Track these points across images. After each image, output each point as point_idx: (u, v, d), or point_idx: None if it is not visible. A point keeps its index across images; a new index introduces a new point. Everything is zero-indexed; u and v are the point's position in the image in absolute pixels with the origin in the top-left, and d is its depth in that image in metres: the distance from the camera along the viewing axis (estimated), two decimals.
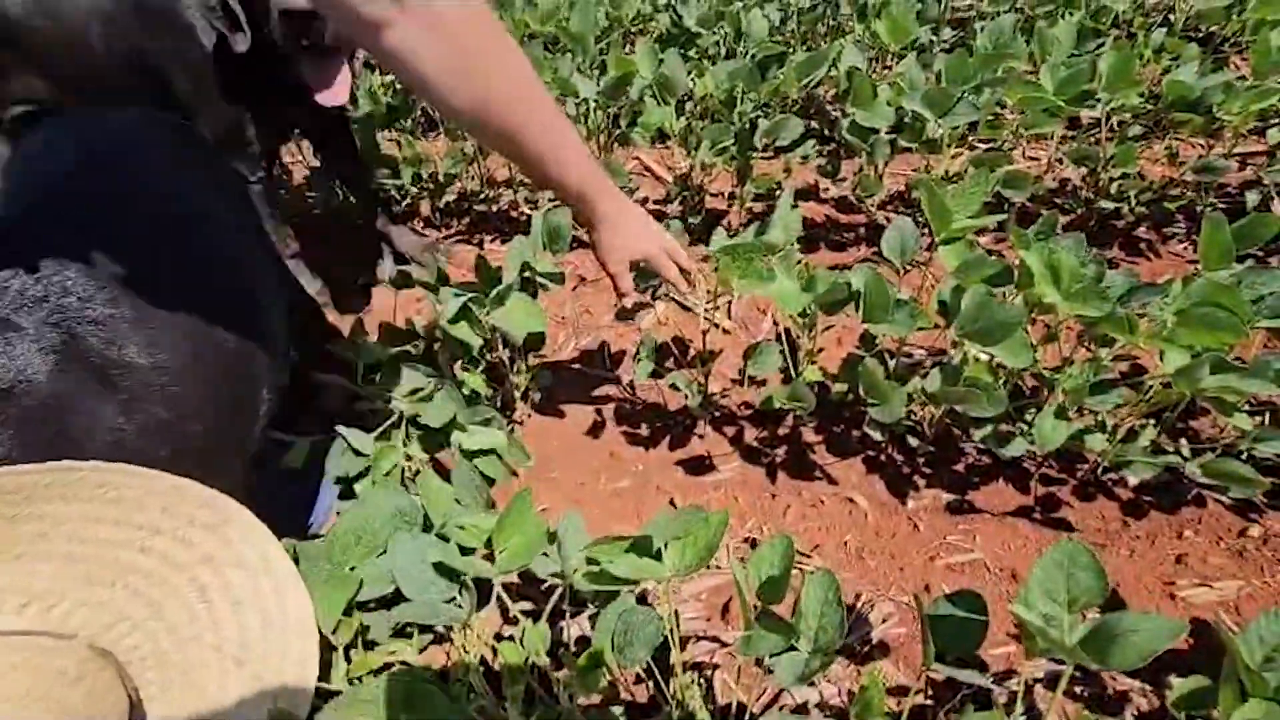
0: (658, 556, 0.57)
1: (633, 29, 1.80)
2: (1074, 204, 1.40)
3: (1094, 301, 0.73)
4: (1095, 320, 0.74)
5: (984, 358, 0.83)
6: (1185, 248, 1.41)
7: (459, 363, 0.94)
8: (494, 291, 0.83)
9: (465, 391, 0.97)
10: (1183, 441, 1.03)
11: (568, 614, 0.82)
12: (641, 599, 0.88)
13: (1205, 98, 1.14)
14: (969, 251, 0.83)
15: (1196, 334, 0.71)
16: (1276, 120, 1.23)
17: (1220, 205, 1.43)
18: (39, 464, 0.50)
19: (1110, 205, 1.33)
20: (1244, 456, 0.88)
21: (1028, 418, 1.02)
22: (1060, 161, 1.37)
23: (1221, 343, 0.70)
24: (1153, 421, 0.97)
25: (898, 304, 0.79)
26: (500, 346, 1.00)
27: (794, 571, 0.97)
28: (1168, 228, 1.42)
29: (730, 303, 1.41)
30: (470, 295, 0.87)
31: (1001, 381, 0.98)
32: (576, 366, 1.34)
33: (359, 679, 0.67)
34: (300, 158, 1.93)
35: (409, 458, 0.87)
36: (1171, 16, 1.61)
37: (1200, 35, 1.70)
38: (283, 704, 0.55)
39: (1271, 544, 0.96)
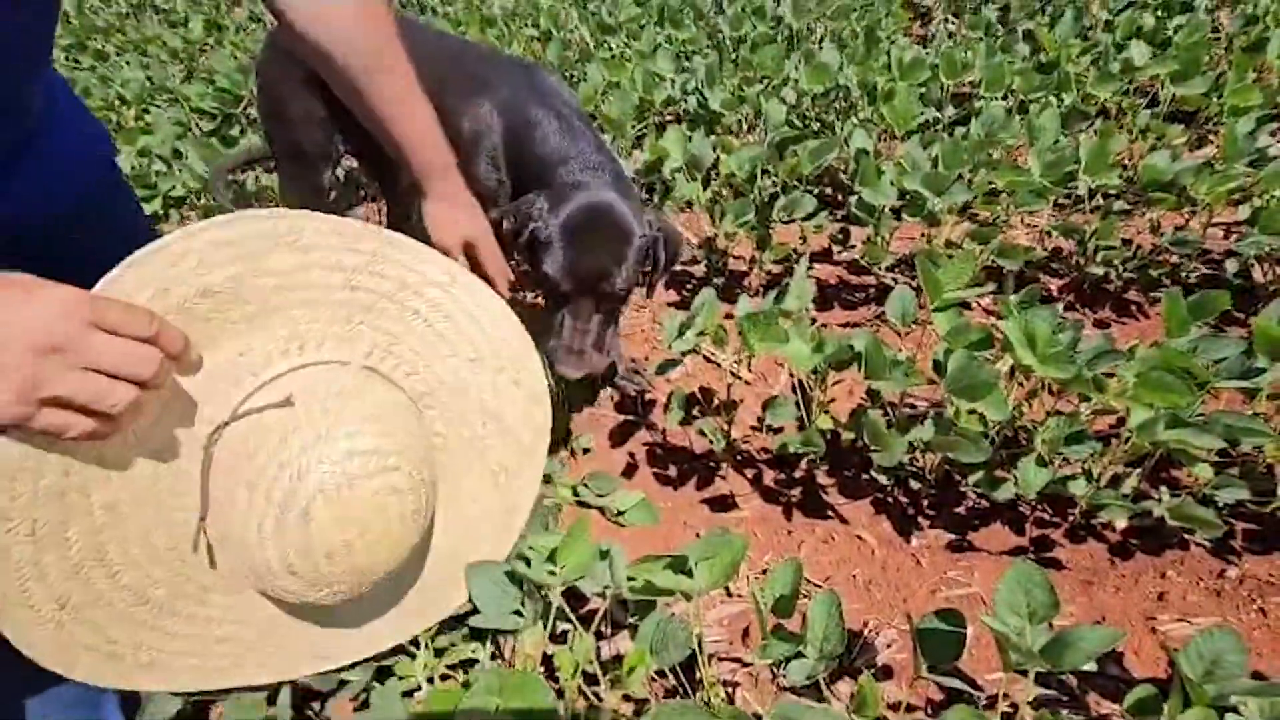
0: (690, 574, 0.71)
1: (665, 111, 2.01)
2: (1067, 270, 1.54)
3: (1063, 365, 0.86)
4: (1065, 381, 0.87)
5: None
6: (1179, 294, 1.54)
7: None
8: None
9: None
10: (1163, 488, 1.13)
11: (609, 634, 0.95)
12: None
13: (1178, 180, 1.28)
14: (958, 319, 0.97)
15: (1154, 394, 0.84)
16: (1247, 196, 1.36)
17: (1204, 270, 1.56)
18: (230, 216, 0.60)
19: (1100, 271, 1.46)
20: (1208, 502, 0.98)
21: (1019, 464, 1.14)
22: (1050, 234, 1.51)
23: (1173, 403, 0.82)
24: (1136, 469, 1.08)
25: (894, 364, 0.93)
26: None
27: (805, 599, 1.09)
28: (1155, 291, 1.54)
29: (751, 358, 1.56)
30: None
31: (994, 431, 1.10)
32: (615, 414, 1.48)
33: (440, 676, 0.81)
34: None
35: None
36: (1159, 97, 1.76)
37: (1185, 113, 1.84)
38: (534, 399, 0.75)
39: (1247, 584, 1.05)
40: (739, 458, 1.33)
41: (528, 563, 0.77)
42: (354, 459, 0.59)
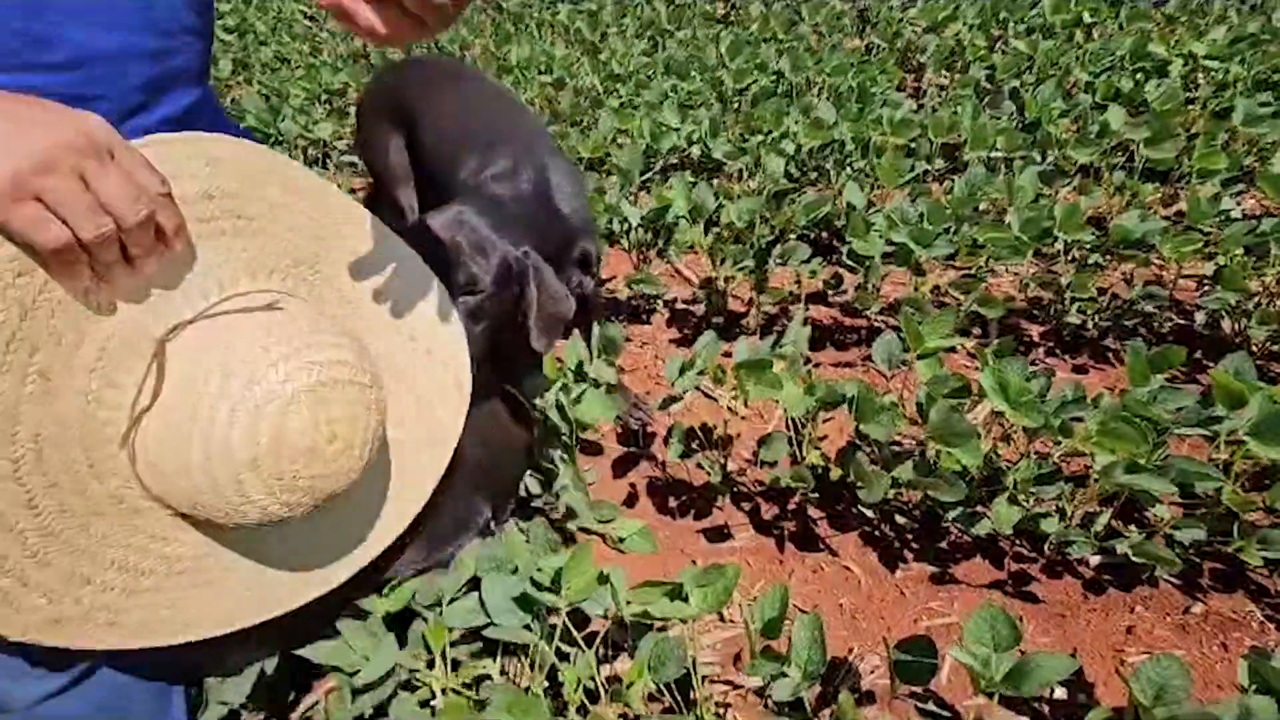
0: (686, 599, 0.78)
1: (670, 159, 2.13)
2: (1046, 317, 1.63)
3: (1033, 413, 0.94)
4: (1035, 428, 0.96)
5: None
6: (1142, 349, 1.63)
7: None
8: (575, 392, 1.08)
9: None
10: (1132, 527, 1.21)
11: (608, 655, 1.01)
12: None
13: (1146, 238, 1.38)
14: (939, 368, 1.05)
15: (1114, 442, 0.92)
16: (1213, 254, 1.45)
17: (1176, 320, 1.65)
18: (244, 141, 0.65)
19: (1077, 320, 1.55)
20: (1171, 542, 1.06)
21: (994, 502, 1.21)
22: (1028, 286, 1.61)
23: (1130, 451, 0.90)
24: (1108, 508, 1.15)
25: (882, 409, 1.01)
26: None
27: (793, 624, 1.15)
28: (1129, 339, 1.64)
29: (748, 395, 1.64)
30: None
31: (976, 470, 1.18)
32: (617, 446, 1.56)
33: (454, 690, 0.87)
34: None
35: None
36: (1135, 156, 1.88)
37: (1159, 171, 1.96)
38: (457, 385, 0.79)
39: (1212, 620, 1.12)
40: (735, 490, 1.41)
41: (535, 585, 0.84)
42: (340, 367, 0.62)
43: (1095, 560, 1.18)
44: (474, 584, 0.89)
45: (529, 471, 1.29)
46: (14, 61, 0.60)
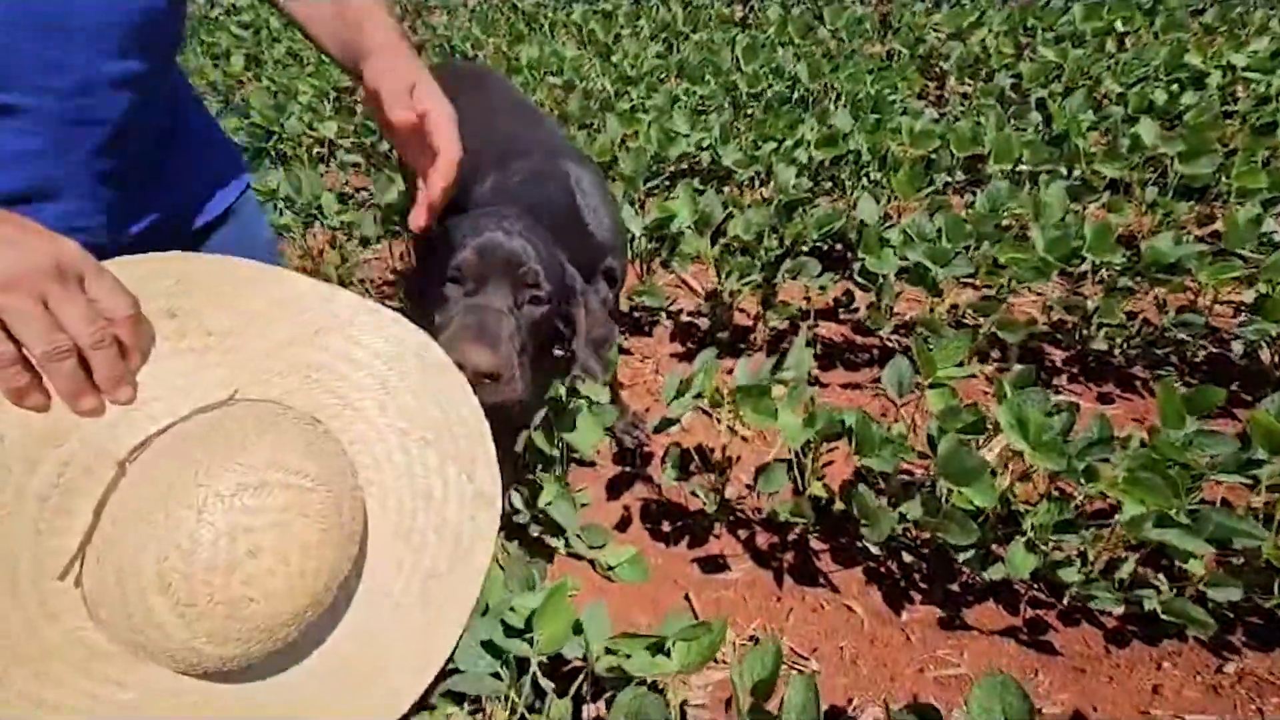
0: (668, 654, 0.71)
1: (679, 165, 2.06)
2: (1070, 341, 1.54)
3: (1054, 455, 0.86)
4: (1057, 471, 0.87)
5: None
6: (1177, 386, 1.53)
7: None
8: (565, 415, 1.02)
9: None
10: (1160, 576, 1.12)
11: (588, 696, 0.95)
12: (654, 686, 1.00)
13: (1181, 263, 1.28)
14: (951, 399, 0.97)
15: (1143, 493, 0.84)
16: (1253, 280, 1.36)
17: (1210, 349, 1.55)
18: (218, 257, 0.61)
19: (1103, 346, 1.46)
20: (1203, 599, 0.97)
21: (1014, 540, 1.13)
22: (1051, 309, 1.52)
23: (1161, 505, 0.82)
24: (1134, 553, 1.07)
25: (885, 441, 0.93)
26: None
27: (790, 671, 1.08)
28: (1160, 368, 1.54)
29: None
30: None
31: (990, 509, 1.10)
32: (613, 466, 1.49)
33: None
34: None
35: None
36: (1168, 171, 1.78)
37: (1194, 189, 1.86)
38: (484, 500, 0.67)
39: (1246, 682, 1.03)
40: (733, 518, 1.33)
41: (506, 628, 0.78)
42: (271, 470, 0.55)
43: (1119, 609, 1.09)
44: None
45: (513, 485, 1.23)
46: (24, 84, 0.63)
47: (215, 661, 0.54)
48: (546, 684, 0.77)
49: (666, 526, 1.35)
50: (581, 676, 0.83)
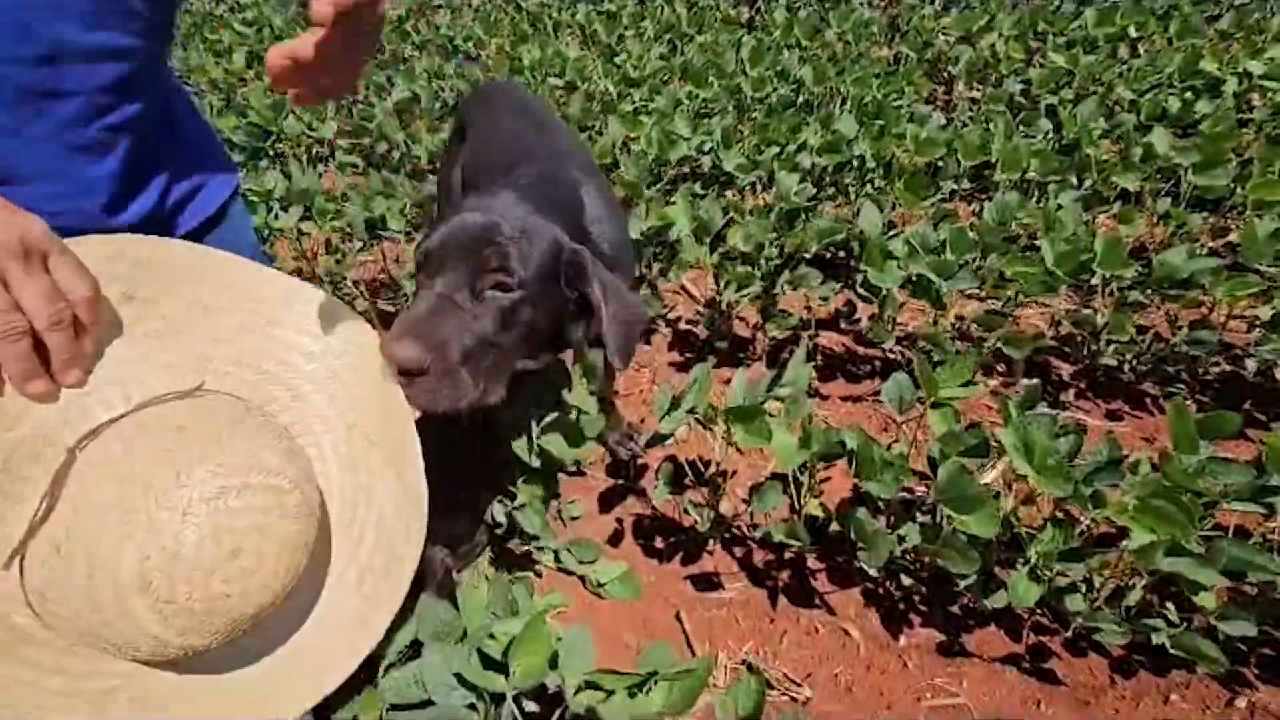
0: (648, 693, 0.67)
1: (679, 170, 2.02)
2: (1079, 356, 1.50)
3: (1060, 480, 0.82)
4: (1062, 498, 0.84)
5: None
6: (1188, 404, 1.48)
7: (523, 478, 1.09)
8: (544, 422, 0.98)
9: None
10: (1169, 605, 1.07)
11: None
12: None
13: (1195, 278, 1.24)
14: (954, 420, 0.93)
15: (1153, 522, 0.80)
16: (1270, 296, 1.31)
17: (1223, 366, 1.51)
18: (160, 239, 0.61)
19: (1112, 362, 1.42)
20: (1214, 633, 0.93)
21: (1018, 565, 1.09)
22: (1060, 323, 1.47)
23: (1172, 534, 0.78)
24: (1142, 580, 1.03)
25: (885, 464, 0.89)
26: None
27: (782, 698, 1.04)
28: (1171, 385, 1.49)
29: None
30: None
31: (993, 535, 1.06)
32: (606, 478, 1.46)
33: None
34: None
35: None
36: (1182, 184, 1.73)
37: (1211, 199, 1.81)
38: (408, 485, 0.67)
39: (1259, 716, 0.98)
40: (727, 535, 1.30)
41: (484, 658, 0.74)
42: (252, 471, 0.55)
43: (1125, 641, 1.05)
44: (416, 648, 0.79)
45: (500, 499, 1.19)
46: None
47: (177, 651, 0.55)
48: (520, 716, 0.74)
49: (659, 542, 1.32)
50: (561, 708, 0.80)
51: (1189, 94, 2.12)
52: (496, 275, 0.82)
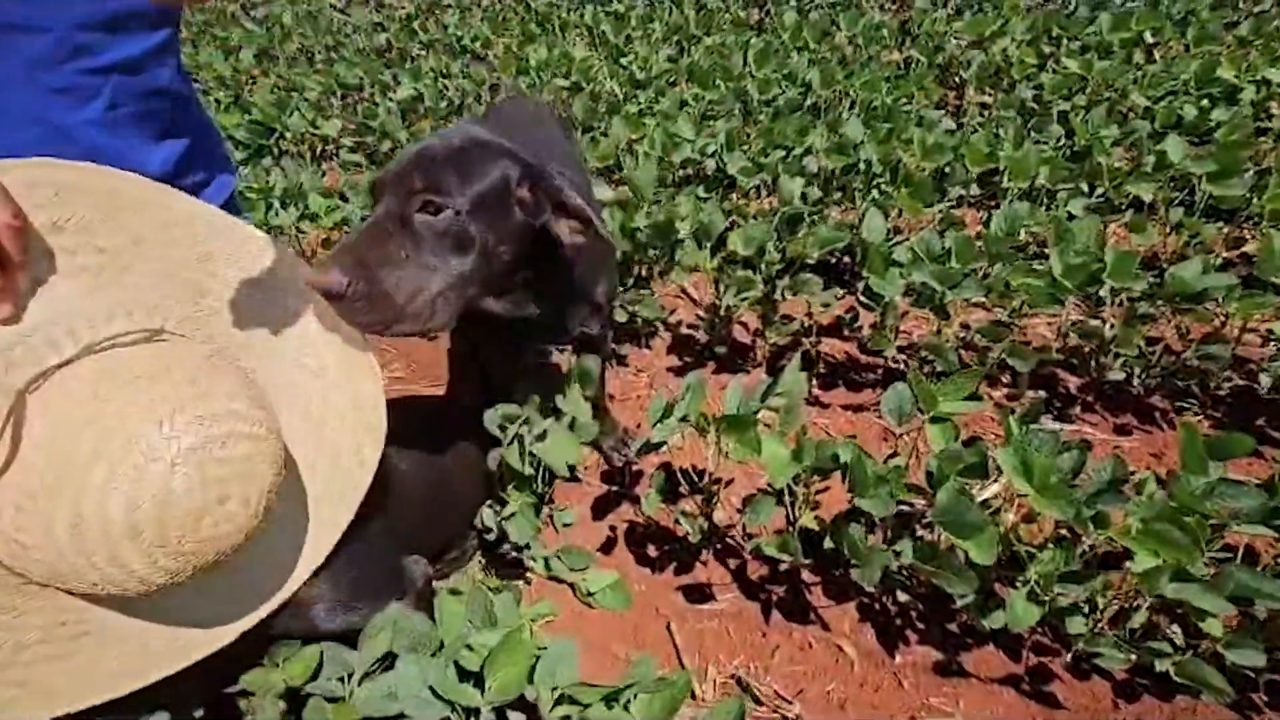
0: (627, 708, 0.65)
1: (683, 172, 2.00)
2: (1086, 368, 1.46)
3: (1061, 502, 0.79)
4: (1064, 521, 0.81)
5: None
6: (1199, 420, 1.44)
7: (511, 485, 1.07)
8: (539, 428, 0.96)
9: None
10: (1175, 629, 1.04)
11: None
12: None
13: (1207, 293, 1.20)
14: (953, 437, 0.91)
15: (1158, 546, 0.76)
16: None
17: (1236, 380, 1.46)
18: (81, 164, 0.58)
19: (1120, 375, 1.38)
20: (1220, 660, 0.89)
21: (1018, 583, 1.05)
22: (1067, 335, 1.44)
23: (1179, 560, 0.75)
24: (1146, 603, 0.99)
25: (880, 480, 0.87)
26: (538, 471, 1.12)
27: (774, 715, 1.02)
28: (1181, 400, 1.45)
29: None
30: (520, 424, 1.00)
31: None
32: (599, 484, 1.44)
33: None
34: None
35: None
36: (1196, 194, 1.69)
37: (1226, 210, 1.76)
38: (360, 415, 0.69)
39: None
40: (720, 545, 1.27)
41: (460, 670, 0.72)
42: (233, 419, 0.56)
43: (1127, 665, 1.02)
44: (391, 659, 0.77)
45: (488, 503, 1.17)
46: None
47: (159, 586, 0.56)
48: None
49: (652, 551, 1.29)
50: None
51: (1205, 101, 2.08)
52: (424, 196, 0.80)
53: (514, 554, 1.21)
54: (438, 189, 0.80)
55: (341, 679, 0.77)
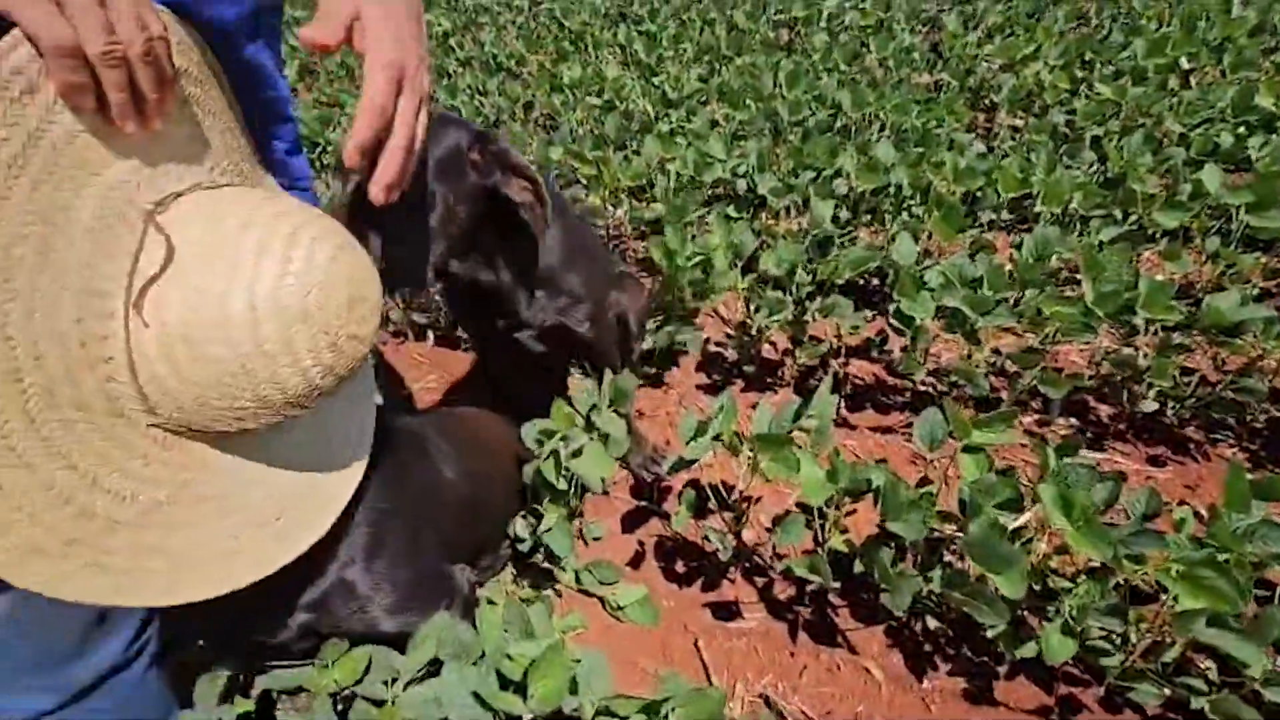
0: (665, 718, 0.67)
1: (713, 192, 2.03)
2: (1119, 398, 1.45)
3: (1098, 542, 0.80)
4: (1100, 563, 0.81)
5: None
6: (1234, 452, 1.42)
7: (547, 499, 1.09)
8: (574, 446, 0.99)
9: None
10: (1210, 664, 1.03)
11: None
12: None
13: (1244, 325, 1.20)
14: (986, 467, 0.91)
15: (1196, 591, 0.77)
16: None
17: (1274, 412, 1.44)
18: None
19: (1154, 406, 1.37)
20: (1259, 700, 0.88)
21: (1050, 616, 1.05)
22: (1100, 363, 1.44)
23: (1218, 607, 0.75)
24: (1182, 638, 0.98)
25: (912, 504, 0.88)
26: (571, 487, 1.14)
27: None
28: (1217, 432, 1.44)
29: None
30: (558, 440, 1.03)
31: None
32: (629, 499, 1.46)
33: None
34: None
35: None
36: (1233, 223, 1.68)
37: (1265, 240, 1.75)
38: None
39: None
40: (749, 563, 1.28)
41: (501, 679, 0.75)
42: (344, 234, 0.61)
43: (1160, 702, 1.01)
44: (436, 665, 0.80)
45: (524, 515, 1.20)
46: None
47: (315, 388, 0.60)
48: None
49: (680, 566, 1.31)
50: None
51: (1242, 129, 2.06)
52: None
53: (545, 564, 1.24)
54: None
55: (385, 683, 0.79)
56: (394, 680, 0.78)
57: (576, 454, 1.02)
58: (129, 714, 0.74)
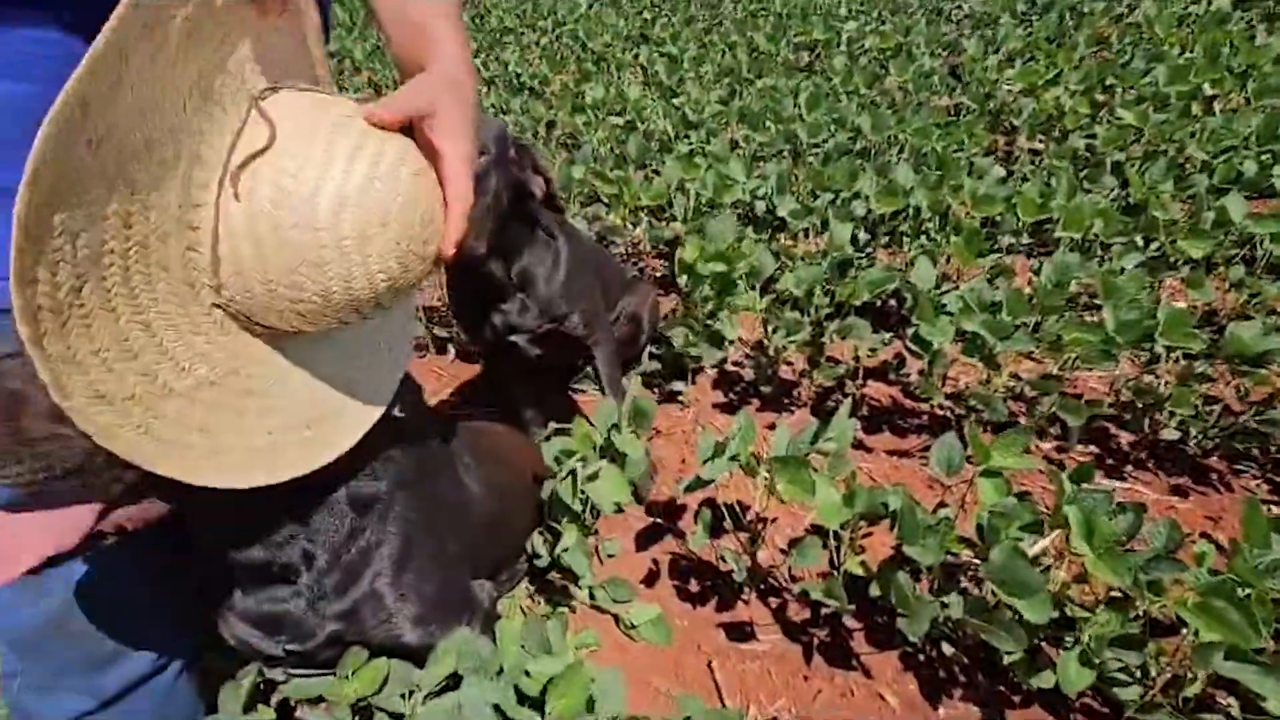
0: None
1: (733, 213, 2.05)
2: (1139, 426, 1.44)
3: (1121, 570, 0.79)
4: (1120, 593, 0.81)
5: None
6: (1258, 484, 1.40)
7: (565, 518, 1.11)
8: (590, 469, 1.00)
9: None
10: (1232, 700, 1.01)
11: None
12: None
13: (1268, 357, 1.19)
14: (1005, 491, 0.92)
15: (1213, 623, 0.76)
16: None
17: None
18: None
19: (1175, 435, 1.36)
20: None
21: (1068, 645, 1.04)
22: (1120, 391, 1.43)
23: (1235, 641, 0.74)
24: (1203, 671, 0.97)
25: (929, 529, 0.88)
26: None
27: None
28: (1239, 462, 1.42)
29: None
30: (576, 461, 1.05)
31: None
32: (644, 516, 1.46)
33: None
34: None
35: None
36: (1257, 252, 1.67)
37: None
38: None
39: None
40: (763, 585, 1.28)
41: (519, 694, 0.76)
42: (430, 175, 0.64)
43: None
44: (454, 678, 0.81)
45: (541, 531, 1.21)
46: None
47: (379, 292, 0.62)
48: None
49: (695, 586, 1.31)
50: None
51: (1266, 157, 2.05)
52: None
53: (561, 581, 1.25)
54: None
55: (402, 695, 0.81)
56: (412, 693, 0.79)
57: (592, 478, 1.03)
58: (165, 715, 0.76)
